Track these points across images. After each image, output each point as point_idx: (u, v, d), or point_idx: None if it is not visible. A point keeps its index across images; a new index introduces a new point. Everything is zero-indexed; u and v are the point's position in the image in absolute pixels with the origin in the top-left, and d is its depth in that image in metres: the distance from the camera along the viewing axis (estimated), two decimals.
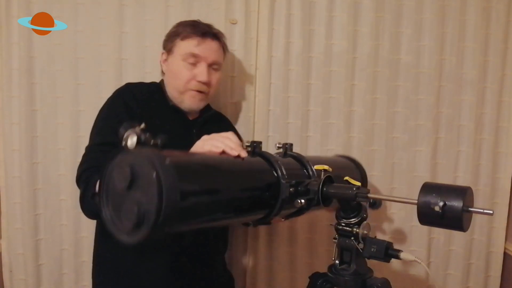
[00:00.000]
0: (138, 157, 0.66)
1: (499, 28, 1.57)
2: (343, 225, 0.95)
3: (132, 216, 0.64)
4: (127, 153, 0.67)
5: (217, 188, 0.79)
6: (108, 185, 0.70)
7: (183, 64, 1.22)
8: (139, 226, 0.64)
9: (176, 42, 1.24)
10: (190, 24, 1.25)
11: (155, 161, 0.63)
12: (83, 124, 1.49)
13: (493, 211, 0.79)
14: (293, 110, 1.57)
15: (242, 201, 0.86)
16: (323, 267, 1.02)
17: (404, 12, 1.57)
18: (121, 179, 0.66)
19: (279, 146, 1.06)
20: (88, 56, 1.48)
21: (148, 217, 0.63)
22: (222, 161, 0.87)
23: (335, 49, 1.56)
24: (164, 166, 0.64)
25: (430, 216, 0.78)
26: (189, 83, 1.22)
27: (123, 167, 0.66)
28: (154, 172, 0.62)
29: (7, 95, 1.46)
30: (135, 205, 0.64)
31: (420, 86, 1.59)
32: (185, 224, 0.73)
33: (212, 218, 0.81)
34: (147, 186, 0.63)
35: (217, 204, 0.80)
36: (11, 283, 1.53)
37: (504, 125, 1.62)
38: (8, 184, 1.49)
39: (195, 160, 0.81)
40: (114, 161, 0.69)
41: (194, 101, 1.24)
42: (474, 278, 1.68)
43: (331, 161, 1.27)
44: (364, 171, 1.34)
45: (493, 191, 1.64)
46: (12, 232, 1.51)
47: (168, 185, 0.62)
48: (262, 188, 0.90)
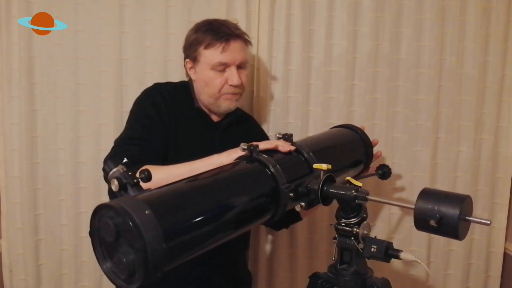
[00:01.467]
0: (117, 211, 0.65)
1: (499, 28, 1.57)
2: (343, 225, 0.95)
3: (123, 268, 0.65)
4: (108, 208, 0.67)
5: (208, 216, 0.78)
6: (99, 236, 0.70)
7: (212, 73, 1.22)
8: (132, 276, 0.65)
9: (200, 51, 1.22)
10: (210, 29, 1.22)
11: (133, 216, 0.63)
12: (83, 124, 1.49)
13: (490, 221, 0.79)
14: (293, 110, 1.57)
15: (241, 214, 0.85)
16: (323, 267, 1.02)
17: (404, 12, 1.57)
18: (108, 233, 0.67)
19: (279, 136, 1.06)
20: (88, 56, 1.48)
21: (138, 267, 0.64)
22: (213, 182, 0.86)
23: (335, 49, 1.56)
24: (143, 217, 0.63)
25: (426, 223, 0.79)
26: (222, 88, 1.23)
27: (107, 222, 0.67)
28: (133, 226, 0.62)
29: (7, 95, 1.46)
30: (123, 257, 0.65)
31: (420, 86, 1.59)
32: (182, 259, 0.73)
33: (212, 241, 0.80)
34: (130, 238, 0.64)
35: (213, 229, 0.79)
36: (11, 283, 1.53)
37: (504, 125, 1.62)
38: (8, 184, 1.49)
39: (179, 193, 0.79)
40: (97, 216, 0.69)
41: (231, 102, 1.26)
42: (474, 278, 1.68)
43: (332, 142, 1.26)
44: (368, 139, 1.31)
45: (493, 191, 1.64)
46: (12, 232, 1.51)
47: (150, 238, 0.62)
48: (260, 197, 0.90)
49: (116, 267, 0.68)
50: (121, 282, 0.68)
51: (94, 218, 0.70)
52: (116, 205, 0.65)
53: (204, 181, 0.86)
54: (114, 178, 0.70)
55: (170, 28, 1.48)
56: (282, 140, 1.02)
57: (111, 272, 0.70)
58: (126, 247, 0.65)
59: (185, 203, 0.77)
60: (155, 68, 1.49)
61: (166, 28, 1.48)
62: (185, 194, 0.80)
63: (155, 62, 1.49)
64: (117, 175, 0.71)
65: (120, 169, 0.71)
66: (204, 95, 1.26)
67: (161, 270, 0.65)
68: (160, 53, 1.49)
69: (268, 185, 0.90)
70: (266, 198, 0.90)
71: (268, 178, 0.91)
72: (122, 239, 0.66)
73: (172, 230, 0.69)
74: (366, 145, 1.29)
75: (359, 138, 1.30)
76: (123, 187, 0.70)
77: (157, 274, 0.65)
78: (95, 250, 0.71)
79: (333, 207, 0.97)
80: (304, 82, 1.56)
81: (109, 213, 0.67)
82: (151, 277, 0.64)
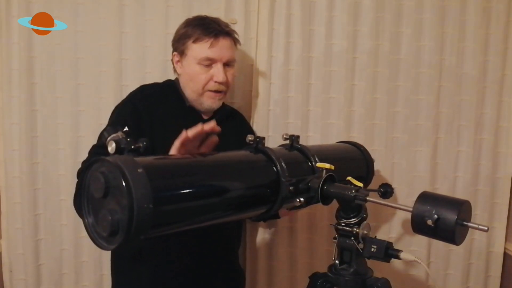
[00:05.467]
0: (110, 166, 0.65)
1: (499, 28, 1.57)
2: (343, 225, 0.95)
3: (106, 224, 0.65)
4: (101, 162, 0.67)
5: (201, 191, 0.78)
6: (88, 192, 0.70)
7: (198, 67, 1.22)
8: (114, 234, 0.65)
9: (188, 45, 1.23)
10: (200, 24, 1.23)
11: (124, 170, 0.62)
12: (83, 124, 1.49)
13: (488, 227, 0.79)
14: (293, 110, 1.57)
15: (237, 199, 0.85)
16: (323, 267, 1.02)
17: (404, 12, 1.57)
18: (97, 188, 0.66)
19: (285, 137, 1.06)
20: (88, 56, 1.48)
21: (122, 225, 0.63)
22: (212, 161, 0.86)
23: (335, 49, 1.56)
24: (134, 174, 0.63)
25: (423, 227, 0.79)
26: (206, 84, 1.23)
27: (98, 176, 0.66)
28: (123, 181, 0.62)
29: (7, 95, 1.46)
30: (108, 214, 0.64)
31: (420, 86, 1.59)
32: (167, 228, 0.73)
33: (201, 219, 0.80)
34: (119, 195, 0.63)
35: (204, 205, 0.78)
36: (11, 283, 1.53)
37: (504, 125, 1.62)
38: (8, 184, 1.49)
39: (176, 163, 0.80)
40: (90, 170, 0.69)
41: (214, 101, 1.25)
42: (474, 278, 1.68)
43: (337, 152, 1.27)
44: (370, 157, 1.32)
45: (493, 191, 1.64)
46: (12, 232, 1.51)
47: (139, 195, 0.62)
48: (260, 186, 0.90)
49: (99, 224, 0.67)
50: (101, 241, 0.67)
51: (85, 173, 0.69)
52: (110, 159, 0.65)
53: (204, 158, 0.87)
54: (112, 140, 0.69)
55: (170, 28, 1.48)
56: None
57: (93, 229, 0.69)
58: (113, 204, 0.65)
59: (179, 173, 0.77)
60: (155, 68, 1.49)
61: (166, 28, 1.48)
62: (182, 165, 0.80)
63: (155, 62, 1.49)
64: (116, 139, 0.70)
65: (119, 135, 0.70)
66: (188, 89, 1.26)
67: (144, 232, 0.64)
68: (160, 53, 1.49)
69: (269, 176, 0.91)
70: (265, 189, 0.91)
71: (270, 170, 0.91)
72: (110, 196, 0.65)
73: (162, 194, 0.68)
74: (368, 162, 1.31)
75: (361, 154, 1.31)
76: (120, 151, 0.69)
77: (139, 235, 0.64)
78: (82, 206, 0.70)
79: (333, 207, 0.97)
80: (304, 82, 1.56)
81: (101, 168, 0.66)
82: (133, 238, 0.63)
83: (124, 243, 0.64)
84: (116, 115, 1.24)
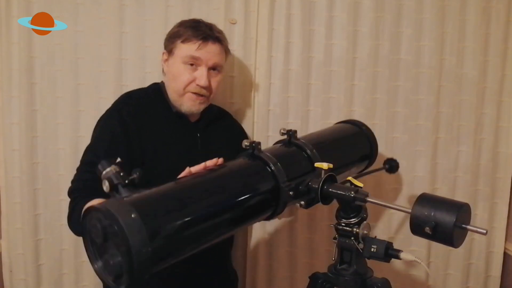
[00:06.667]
0: (104, 214, 0.66)
1: (499, 28, 1.57)
2: (343, 225, 0.95)
3: (111, 269, 0.67)
4: (96, 210, 0.68)
5: (200, 217, 0.78)
6: (91, 237, 0.71)
7: (183, 67, 1.21)
8: (120, 277, 0.66)
9: (177, 44, 1.23)
10: (192, 26, 1.23)
11: (118, 218, 0.63)
12: (83, 124, 1.49)
13: (486, 230, 0.79)
14: (293, 110, 1.57)
15: (238, 214, 0.85)
16: (323, 267, 1.02)
17: (404, 12, 1.57)
18: (97, 234, 0.68)
19: (283, 132, 1.05)
20: (88, 56, 1.48)
21: (124, 269, 0.65)
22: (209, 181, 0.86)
23: (335, 49, 1.56)
24: (129, 221, 0.64)
25: (421, 229, 0.79)
26: (188, 86, 1.21)
27: (95, 223, 0.68)
28: (118, 229, 0.63)
29: (7, 95, 1.46)
30: (111, 259, 0.66)
31: (420, 86, 1.59)
32: (172, 259, 0.73)
33: (204, 241, 0.80)
34: (116, 241, 0.65)
35: (204, 229, 0.79)
36: (11, 283, 1.53)
37: (504, 125, 1.62)
38: (8, 184, 1.49)
39: (171, 196, 0.79)
40: (87, 218, 0.70)
41: (194, 104, 1.23)
42: (474, 278, 1.68)
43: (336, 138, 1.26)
44: (371, 133, 1.31)
45: (493, 191, 1.63)
46: (12, 232, 1.51)
47: (135, 241, 0.63)
48: (260, 196, 0.90)
49: (105, 267, 0.69)
50: (110, 282, 0.69)
51: (85, 219, 0.70)
52: (102, 208, 0.66)
53: (201, 179, 0.86)
54: (105, 179, 0.71)
55: (170, 28, 1.47)
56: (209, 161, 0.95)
57: (102, 272, 0.70)
58: (114, 249, 0.66)
59: (175, 206, 0.76)
60: (155, 68, 1.48)
61: (166, 28, 1.47)
62: (177, 196, 0.79)
63: (155, 62, 1.49)
64: (109, 175, 0.71)
65: (113, 170, 0.71)
66: (170, 89, 1.25)
67: (147, 272, 0.66)
68: (160, 53, 1.47)
69: (269, 184, 0.90)
70: (265, 198, 0.91)
71: (268, 177, 0.91)
72: (110, 241, 0.67)
73: (159, 233, 0.69)
74: (370, 140, 1.29)
75: (362, 133, 1.30)
76: (115, 188, 0.70)
77: (143, 276, 0.65)
78: (87, 250, 0.72)
79: (333, 207, 0.97)
80: (304, 82, 1.56)
81: (97, 215, 0.67)
82: (138, 279, 0.65)
83: (132, 284, 0.65)
84: (102, 126, 1.22)
